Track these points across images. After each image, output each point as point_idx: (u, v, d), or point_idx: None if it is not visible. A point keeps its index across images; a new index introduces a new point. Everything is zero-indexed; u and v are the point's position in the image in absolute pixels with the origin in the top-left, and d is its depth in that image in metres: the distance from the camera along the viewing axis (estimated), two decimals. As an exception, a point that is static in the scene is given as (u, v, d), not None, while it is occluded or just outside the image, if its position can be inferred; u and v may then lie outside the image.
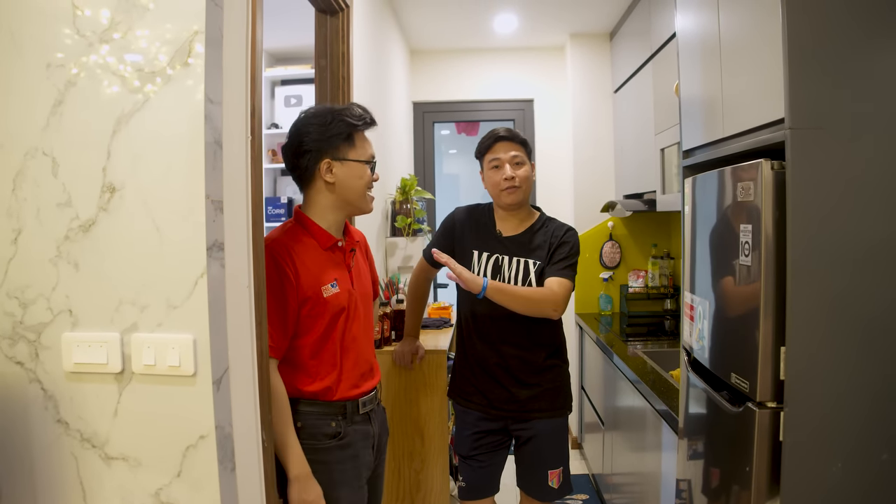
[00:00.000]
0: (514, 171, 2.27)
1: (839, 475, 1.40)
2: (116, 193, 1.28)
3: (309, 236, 1.81)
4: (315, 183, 1.82)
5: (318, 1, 2.44)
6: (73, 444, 1.31)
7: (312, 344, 1.76)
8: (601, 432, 3.57)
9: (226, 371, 1.31)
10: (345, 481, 1.78)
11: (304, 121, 1.82)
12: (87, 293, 1.30)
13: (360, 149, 1.83)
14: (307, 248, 1.78)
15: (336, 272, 1.81)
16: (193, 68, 1.26)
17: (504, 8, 3.95)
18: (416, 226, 3.58)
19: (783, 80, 1.37)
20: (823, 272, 1.38)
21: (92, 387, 1.30)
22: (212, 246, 1.26)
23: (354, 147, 1.81)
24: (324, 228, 1.82)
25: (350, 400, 1.81)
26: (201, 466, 1.27)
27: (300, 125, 1.82)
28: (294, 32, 4.01)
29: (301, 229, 1.82)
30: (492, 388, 2.33)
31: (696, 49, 1.98)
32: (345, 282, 1.83)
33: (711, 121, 1.83)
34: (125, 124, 1.28)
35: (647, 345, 3.44)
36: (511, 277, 2.29)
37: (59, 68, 1.30)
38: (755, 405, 1.46)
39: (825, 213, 1.37)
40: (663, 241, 4.23)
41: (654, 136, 3.34)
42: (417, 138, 4.88)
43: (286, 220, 1.90)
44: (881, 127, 1.38)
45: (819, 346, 1.40)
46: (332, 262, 1.82)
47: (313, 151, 1.78)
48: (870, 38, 1.38)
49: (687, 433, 1.99)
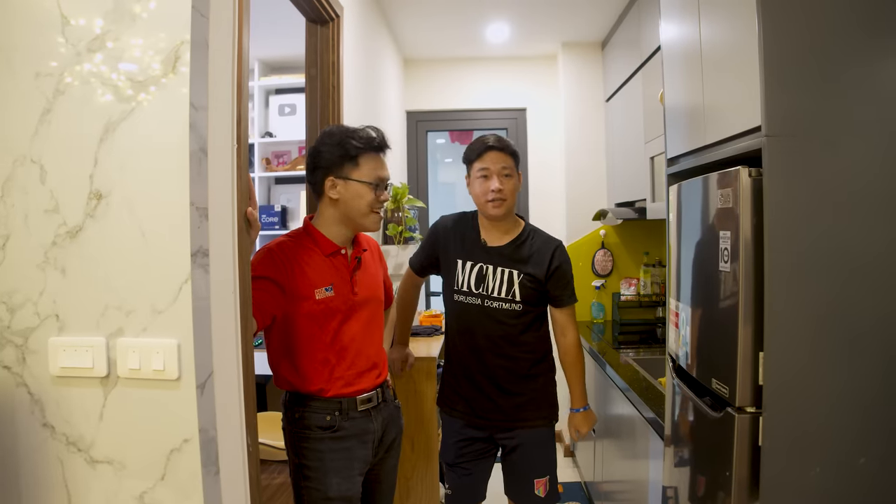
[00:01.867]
0: (502, 184, 2.25)
1: (817, 479, 1.42)
2: (103, 200, 1.30)
3: (312, 243, 1.94)
4: (323, 197, 1.95)
5: (308, 11, 2.47)
6: (58, 447, 1.32)
7: (305, 342, 1.87)
8: (593, 440, 3.58)
9: (210, 375, 1.32)
10: (336, 469, 1.88)
11: (320, 138, 1.96)
12: (73, 298, 1.31)
13: (365, 169, 1.91)
14: (308, 252, 1.91)
15: (334, 277, 1.91)
16: (178, 77, 1.28)
17: (496, 17, 3.99)
18: (408, 234, 3.60)
19: (759, 89, 1.39)
20: (801, 277, 1.40)
21: (78, 391, 1.31)
22: (196, 252, 1.28)
23: (358, 168, 1.90)
24: (328, 237, 1.94)
25: (346, 397, 1.90)
26: (185, 470, 1.28)
27: (317, 142, 1.96)
28: (289, 41, 4.02)
29: (306, 236, 1.95)
30: (476, 396, 2.34)
31: (680, 59, 2.01)
32: (343, 286, 1.92)
33: (695, 129, 1.86)
34: (112, 132, 1.29)
35: (639, 352, 3.45)
36: (496, 287, 2.29)
37: (48, 77, 1.31)
38: (734, 410, 1.48)
39: (802, 219, 1.40)
40: (655, 249, 4.25)
41: (644, 145, 3.36)
42: (411, 147, 4.90)
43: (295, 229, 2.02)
44: (857, 134, 1.40)
45: (797, 351, 1.42)
46: (332, 267, 1.92)
47: (322, 168, 1.91)
48: (845, 48, 1.41)
49: (673, 440, 2.01)
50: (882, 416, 1.40)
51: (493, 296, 2.29)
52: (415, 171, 4.90)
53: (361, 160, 1.90)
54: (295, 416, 1.90)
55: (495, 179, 2.25)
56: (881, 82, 1.41)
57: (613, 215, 3.86)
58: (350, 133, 1.92)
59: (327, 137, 1.93)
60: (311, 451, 1.88)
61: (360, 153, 1.90)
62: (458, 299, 2.35)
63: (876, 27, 1.40)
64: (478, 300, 2.31)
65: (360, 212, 1.92)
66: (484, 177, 2.28)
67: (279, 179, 4.59)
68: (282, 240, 1.93)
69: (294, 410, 1.91)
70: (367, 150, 1.91)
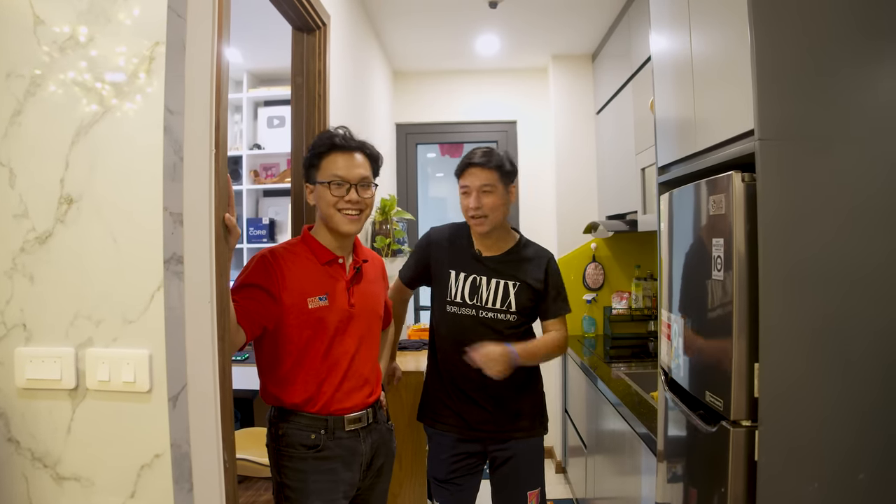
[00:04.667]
0: (480, 201, 2.22)
1: (815, 495, 1.37)
2: (74, 205, 1.25)
3: (309, 251, 1.89)
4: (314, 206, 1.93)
5: (294, 18, 2.44)
6: (23, 463, 1.26)
7: (295, 353, 1.80)
8: (584, 456, 3.53)
9: (183, 388, 1.27)
10: (318, 491, 1.79)
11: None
12: (42, 307, 1.26)
13: (324, 170, 1.88)
14: (303, 260, 1.86)
15: (329, 286, 1.85)
16: (153, 79, 1.24)
17: (486, 29, 3.97)
18: (396, 246, 3.55)
19: (752, 92, 1.36)
20: (797, 285, 1.37)
21: (44, 403, 1.25)
22: (170, 259, 1.23)
23: (319, 169, 1.89)
24: (323, 245, 1.89)
25: (333, 415, 1.82)
26: (156, 487, 1.22)
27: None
28: (277, 52, 3.99)
29: (303, 245, 1.91)
30: (469, 409, 2.30)
31: (670, 67, 1.98)
32: (339, 297, 1.86)
33: (686, 136, 1.83)
34: (84, 135, 1.25)
35: (631, 367, 3.41)
36: (490, 298, 2.28)
37: (18, 78, 1.27)
38: (729, 424, 1.44)
39: (797, 224, 1.36)
40: (646, 262, 4.21)
41: (634, 156, 3.34)
42: (400, 160, 4.87)
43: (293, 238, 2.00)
44: (852, 137, 1.37)
45: (794, 363, 1.37)
46: (328, 276, 1.87)
47: (304, 177, 1.95)
48: (839, 50, 1.38)
49: (666, 455, 1.96)
50: (882, 429, 1.36)
51: (487, 306, 2.28)
52: (404, 183, 4.86)
53: (323, 162, 1.88)
54: (279, 432, 1.83)
55: (473, 197, 2.23)
56: (876, 85, 1.38)
57: (604, 228, 3.83)
58: (319, 138, 1.93)
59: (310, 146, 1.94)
60: (292, 470, 1.81)
61: (323, 155, 1.88)
62: (451, 311, 2.31)
63: (873, 29, 1.37)
64: (472, 311, 2.29)
65: (325, 213, 1.88)
66: (465, 193, 2.27)
67: (267, 192, 4.54)
68: (277, 247, 1.88)
69: (278, 427, 1.83)
70: (328, 150, 1.88)
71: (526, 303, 2.28)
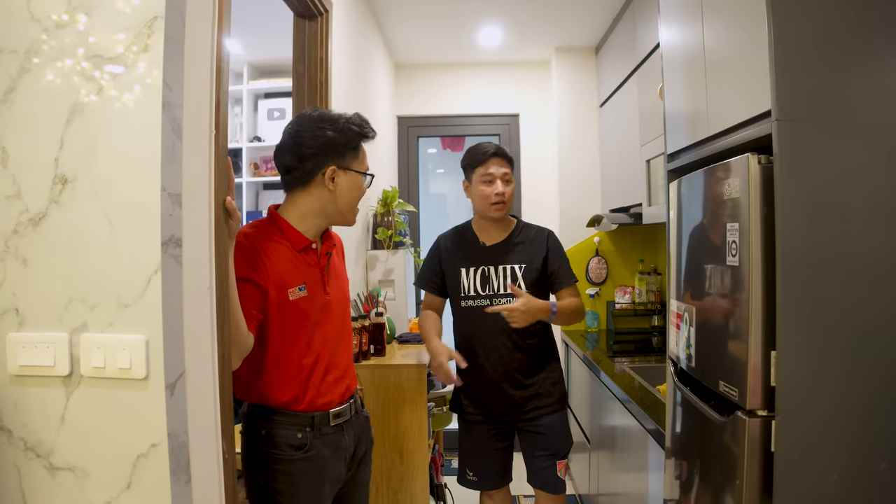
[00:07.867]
0: (504, 188, 2.43)
1: (835, 487, 1.33)
2: (68, 185, 1.20)
3: (281, 237, 1.75)
4: (310, 188, 1.76)
5: (296, 5, 2.39)
6: (16, 453, 1.21)
7: (279, 348, 1.70)
8: (587, 452, 3.48)
9: (181, 375, 1.22)
10: (308, 494, 1.71)
11: (311, 123, 1.75)
12: (35, 290, 1.21)
13: (363, 160, 1.82)
14: (277, 247, 1.72)
15: (306, 275, 1.75)
16: (151, 55, 1.19)
17: (489, 22, 3.93)
18: (398, 238, 3.51)
19: (769, 71, 1.31)
20: (816, 270, 1.32)
21: (37, 391, 1.21)
22: (167, 241, 1.19)
23: (358, 158, 1.80)
24: (299, 231, 1.76)
25: (318, 411, 1.74)
26: (153, 478, 1.17)
27: (307, 126, 1.75)
28: (278, 44, 3.95)
29: (274, 229, 1.76)
30: (494, 396, 2.45)
31: (681, 52, 1.94)
32: (316, 285, 1.77)
33: (697, 122, 1.79)
34: (79, 113, 1.20)
35: (635, 361, 3.36)
36: (500, 284, 2.45)
37: (12, 54, 1.22)
38: (745, 414, 1.39)
39: (816, 207, 1.32)
40: (650, 256, 4.17)
41: (639, 148, 3.30)
42: (402, 152, 4.82)
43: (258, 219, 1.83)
44: (872, 119, 1.33)
45: (812, 350, 1.33)
46: (304, 264, 1.76)
47: (320, 156, 1.73)
48: (859, 30, 1.34)
49: (674, 449, 1.91)
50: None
51: (499, 293, 2.44)
52: (405, 176, 4.82)
53: (360, 150, 1.81)
54: (261, 432, 1.69)
55: (499, 184, 2.42)
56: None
57: (608, 221, 3.79)
58: (348, 120, 1.78)
59: (325, 123, 1.75)
60: (282, 474, 1.68)
61: (360, 142, 1.80)
62: (465, 305, 2.47)
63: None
64: (485, 301, 2.44)
65: (350, 205, 1.80)
66: (488, 182, 2.43)
67: (267, 185, 4.50)
68: (250, 232, 1.71)
69: (260, 426, 1.70)
70: (365, 139, 1.81)
71: (535, 281, 2.45)
